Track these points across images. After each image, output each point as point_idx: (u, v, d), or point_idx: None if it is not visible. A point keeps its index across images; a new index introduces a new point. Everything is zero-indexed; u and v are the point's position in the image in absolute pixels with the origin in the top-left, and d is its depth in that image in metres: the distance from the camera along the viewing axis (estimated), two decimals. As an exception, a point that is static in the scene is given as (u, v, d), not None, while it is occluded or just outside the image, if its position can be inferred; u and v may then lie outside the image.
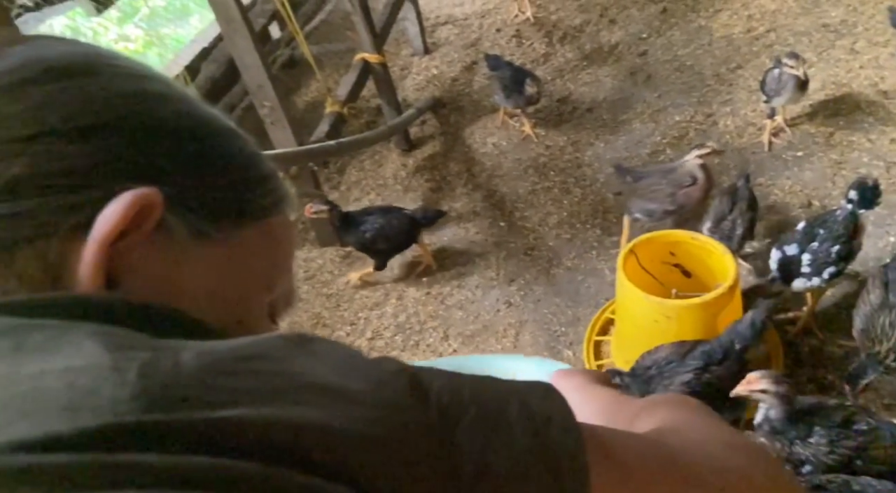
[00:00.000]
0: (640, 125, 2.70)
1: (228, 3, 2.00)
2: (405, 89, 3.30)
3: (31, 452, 0.20)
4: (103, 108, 0.31)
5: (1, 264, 0.29)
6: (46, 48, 0.32)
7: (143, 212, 0.30)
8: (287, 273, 0.41)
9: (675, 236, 1.73)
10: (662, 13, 3.32)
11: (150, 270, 0.32)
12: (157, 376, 0.23)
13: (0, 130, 0.29)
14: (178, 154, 0.33)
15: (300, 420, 0.24)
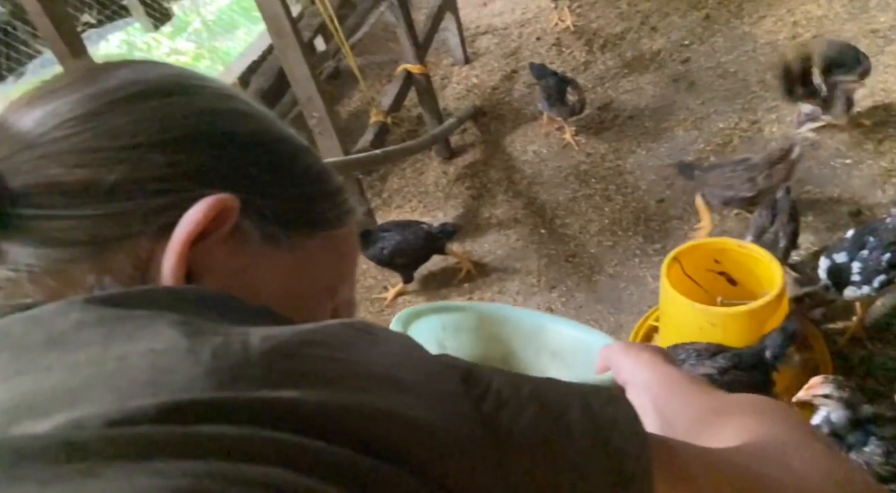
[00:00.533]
0: (683, 133, 2.69)
1: (281, 18, 2.08)
2: (445, 99, 3.35)
3: (118, 424, 0.21)
4: (192, 122, 0.35)
5: (98, 260, 0.32)
6: (145, 71, 0.37)
7: (221, 215, 0.33)
8: (349, 281, 0.43)
9: (720, 244, 1.73)
10: (705, 20, 3.30)
11: (226, 269, 0.34)
12: (227, 358, 0.25)
13: (105, 140, 0.32)
14: (255, 166, 0.36)
15: (352, 405, 0.25)
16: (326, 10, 2.40)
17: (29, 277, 0.31)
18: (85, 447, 0.20)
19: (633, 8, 3.62)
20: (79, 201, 0.32)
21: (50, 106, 0.33)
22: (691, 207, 2.34)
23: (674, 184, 2.46)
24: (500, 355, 0.76)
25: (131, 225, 0.32)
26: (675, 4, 3.52)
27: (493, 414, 0.28)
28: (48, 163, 0.32)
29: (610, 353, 0.54)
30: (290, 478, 0.21)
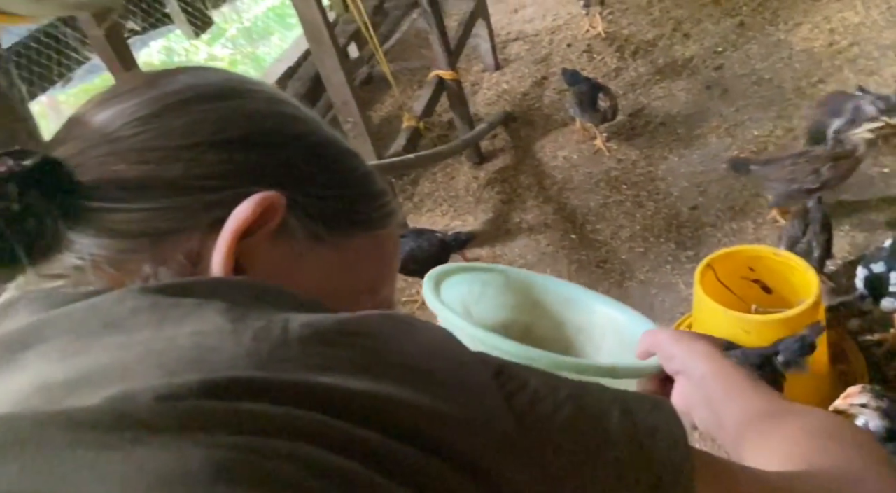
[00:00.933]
0: (717, 140, 2.67)
1: (319, 26, 2.13)
2: (476, 104, 3.38)
3: (164, 398, 0.22)
4: (244, 124, 0.37)
5: (155, 251, 0.34)
6: (202, 76, 0.39)
7: (269, 211, 0.35)
8: (390, 281, 0.44)
9: (755, 251, 1.72)
10: (739, 27, 3.27)
11: (271, 263, 0.36)
12: (267, 340, 0.26)
13: (164, 140, 0.35)
14: (302, 166, 0.38)
15: (382, 393, 0.25)
16: (361, 16, 2.45)
17: (92, 265, 0.33)
18: (134, 418, 0.21)
19: (665, 15, 3.61)
20: (139, 196, 0.34)
21: (118, 107, 0.36)
22: (724, 215, 2.32)
23: (707, 191, 2.45)
24: (522, 324, 0.73)
25: (185, 219, 0.34)
26: (708, 11, 3.50)
27: (526, 411, 0.28)
28: (114, 159, 0.34)
29: (658, 339, 0.52)
30: (322, 456, 0.22)
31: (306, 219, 0.37)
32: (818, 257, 1.82)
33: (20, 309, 0.30)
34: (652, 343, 0.53)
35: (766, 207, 2.29)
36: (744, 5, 3.42)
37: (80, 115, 0.37)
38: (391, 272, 0.44)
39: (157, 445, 0.20)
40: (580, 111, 2.69)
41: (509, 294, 0.71)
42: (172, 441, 0.21)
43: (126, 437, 0.20)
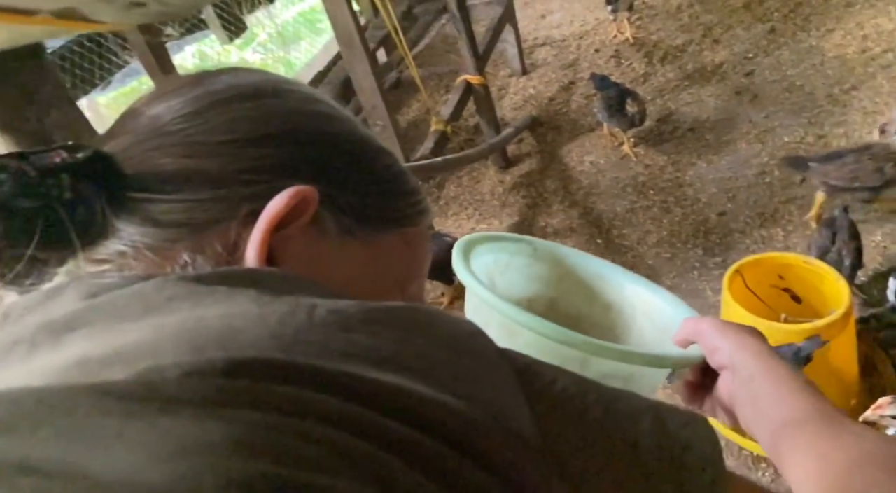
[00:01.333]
0: (746, 146, 2.65)
1: (352, 32, 2.17)
2: (502, 109, 3.39)
3: (191, 374, 0.23)
4: (282, 122, 0.38)
5: (193, 240, 0.35)
6: (244, 76, 0.41)
7: (302, 205, 0.36)
8: (419, 278, 0.45)
9: (785, 259, 1.70)
10: (770, 33, 3.24)
11: (303, 256, 0.37)
12: (292, 324, 0.27)
13: (207, 135, 0.36)
14: (337, 163, 0.39)
15: (405, 387, 0.26)
16: (391, 21, 2.48)
17: (135, 252, 0.35)
18: (161, 391, 0.22)
19: (694, 20, 3.59)
20: (180, 188, 0.35)
21: (165, 105, 0.38)
22: (754, 221, 2.30)
23: (735, 197, 2.43)
24: (547, 298, 0.70)
25: (223, 211, 0.35)
26: (738, 17, 3.47)
27: (549, 411, 0.28)
28: (159, 153, 0.36)
29: (701, 328, 0.50)
30: (344, 438, 0.22)
31: (338, 214, 0.38)
32: (849, 266, 1.80)
33: (67, 294, 0.31)
34: (695, 332, 0.50)
35: (796, 214, 2.27)
36: (775, 11, 3.39)
37: (131, 112, 0.39)
38: (420, 270, 0.45)
39: (181, 416, 0.21)
40: (608, 116, 2.69)
41: (536, 266, 0.69)
42: (196, 414, 0.21)
43: (152, 408, 0.21)
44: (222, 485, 0.19)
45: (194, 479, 0.19)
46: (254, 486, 0.19)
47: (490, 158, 3.04)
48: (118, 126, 0.39)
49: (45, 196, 0.32)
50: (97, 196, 0.34)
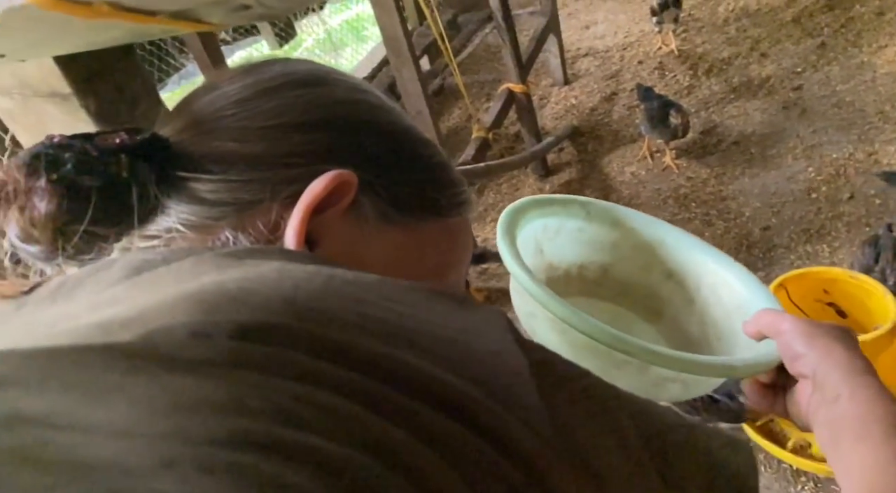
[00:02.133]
0: (793, 160, 2.61)
1: (400, 39, 2.23)
2: (543, 118, 3.41)
3: (198, 335, 0.23)
4: (327, 109, 0.40)
5: (237, 219, 0.36)
6: (294, 65, 0.42)
7: (341, 188, 0.37)
8: (458, 269, 0.45)
9: (830, 274, 1.68)
10: (820, 48, 3.19)
11: (341, 240, 0.38)
12: (306, 290, 0.27)
13: (255, 121, 0.38)
14: (378, 150, 0.40)
15: (408, 361, 0.25)
16: (438, 28, 2.53)
17: (181, 229, 0.36)
18: (166, 350, 0.23)
19: (742, 34, 3.56)
20: (227, 169, 0.37)
21: (219, 92, 0.40)
22: (798, 237, 2.27)
23: (780, 212, 2.40)
24: (599, 264, 0.66)
25: (266, 192, 0.37)
26: (787, 31, 3.43)
27: (563, 408, 0.27)
28: (210, 137, 0.38)
29: (783, 328, 0.45)
30: (340, 404, 0.22)
31: (378, 200, 0.39)
32: (894, 285, 1.76)
33: (115, 270, 0.32)
34: (774, 330, 0.46)
35: (843, 231, 2.23)
36: (826, 26, 3.34)
37: (188, 98, 0.41)
38: (459, 261, 0.45)
39: (181, 374, 0.21)
40: (650, 127, 2.68)
41: (590, 230, 0.65)
42: (196, 372, 0.22)
43: (155, 365, 0.22)
44: (211, 440, 0.19)
45: (186, 433, 0.19)
46: (243, 442, 0.19)
47: (530, 167, 3.06)
48: (176, 112, 0.41)
49: (104, 174, 0.34)
50: (151, 176, 0.36)
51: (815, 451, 1.59)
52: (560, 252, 0.66)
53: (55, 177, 0.34)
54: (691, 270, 0.61)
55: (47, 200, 0.34)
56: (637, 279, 0.65)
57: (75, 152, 0.35)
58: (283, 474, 0.19)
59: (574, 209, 0.65)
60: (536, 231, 0.64)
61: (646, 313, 0.68)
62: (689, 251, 0.61)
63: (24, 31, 0.44)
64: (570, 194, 0.65)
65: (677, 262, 0.62)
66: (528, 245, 0.63)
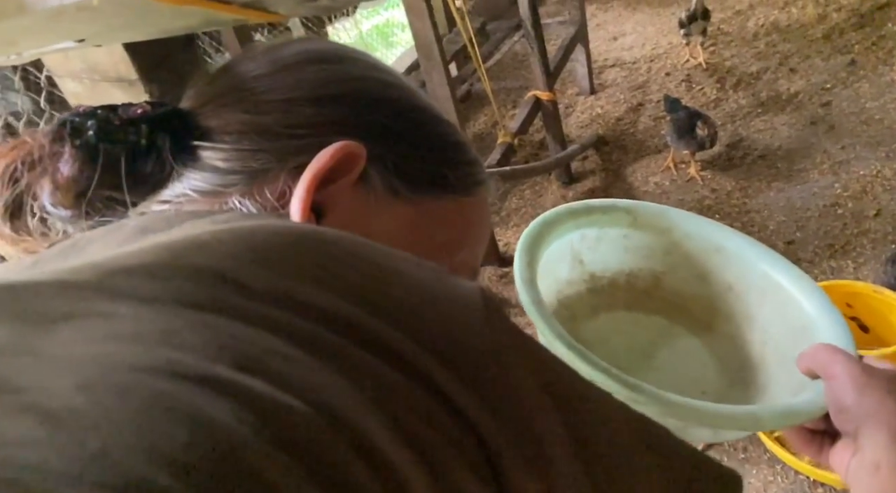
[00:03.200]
0: (819, 176, 2.60)
1: (432, 45, 2.28)
2: (569, 126, 3.43)
3: (154, 276, 0.24)
4: (342, 85, 0.40)
5: (247, 187, 0.38)
6: (314, 44, 0.44)
7: (348, 159, 0.37)
8: (472, 247, 0.45)
9: (853, 287, 1.68)
10: (850, 65, 3.18)
11: (349, 211, 0.38)
12: (274, 242, 0.27)
13: (270, 95, 0.39)
14: (389, 126, 0.41)
15: (354, 315, 0.25)
16: (468, 34, 2.57)
17: (193, 195, 0.38)
18: (117, 285, 0.23)
19: (771, 48, 3.55)
20: (239, 139, 0.38)
21: (241, 67, 0.42)
22: (823, 252, 2.26)
23: (805, 226, 2.39)
24: (650, 274, 0.61)
25: (275, 161, 0.38)
26: (817, 47, 3.42)
27: (528, 395, 0.26)
28: (227, 110, 0.39)
29: (835, 372, 0.41)
30: (285, 350, 0.22)
31: (387, 173, 0.40)
32: (919, 303, 1.76)
33: (126, 231, 0.33)
34: (826, 373, 0.42)
35: (868, 247, 2.21)
36: (856, 43, 3.32)
37: (214, 74, 0.43)
38: (472, 240, 0.45)
39: (127, 308, 0.22)
40: (676, 138, 2.69)
41: (636, 236, 0.60)
42: (142, 307, 0.22)
43: (103, 299, 0.23)
44: (136, 368, 0.19)
45: (111, 360, 0.20)
46: (170, 372, 0.19)
47: (553, 174, 3.08)
48: (200, 86, 0.43)
49: (124, 142, 0.36)
50: (168, 145, 0.37)
51: (833, 464, 1.59)
52: (604, 261, 0.62)
53: (78, 143, 0.36)
54: (755, 282, 0.55)
55: (70, 165, 0.36)
56: (693, 290, 0.59)
57: (98, 121, 0.36)
58: (205, 407, 0.18)
59: (618, 216, 0.60)
60: (573, 241, 0.60)
61: (698, 328, 0.62)
62: (753, 261, 0.55)
63: (113, 16, 0.49)
64: (609, 199, 0.60)
65: (739, 272, 0.56)
66: (563, 257, 0.61)
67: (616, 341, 0.63)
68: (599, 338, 0.63)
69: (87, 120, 0.36)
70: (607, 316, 0.65)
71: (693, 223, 0.59)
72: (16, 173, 0.36)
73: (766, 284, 0.54)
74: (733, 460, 1.72)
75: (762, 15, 3.95)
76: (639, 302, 0.65)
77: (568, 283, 0.65)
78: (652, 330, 0.64)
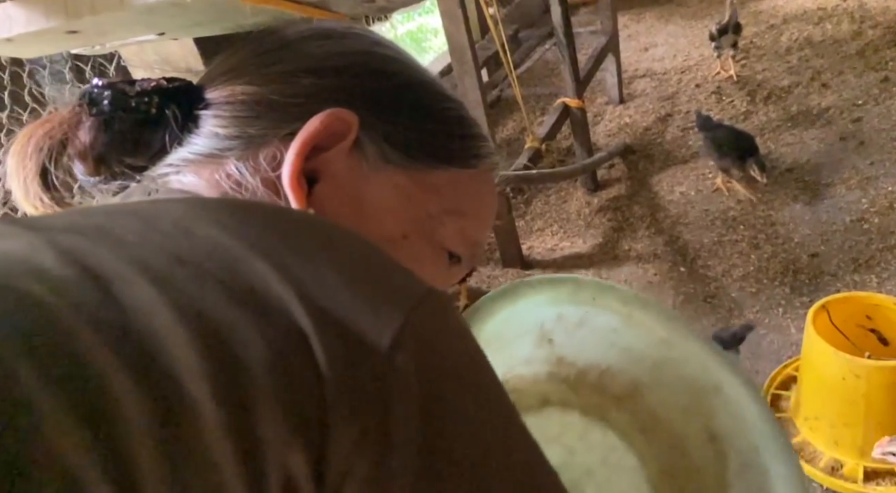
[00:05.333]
0: (846, 191, 2.60)
1: (465, 49, 2.34)
2: (596, 134, 3.47)
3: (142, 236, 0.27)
4: (342, 58, 0.42)
5: (243, 152, 0.39)
6: (323, 23, 0.46)
7: (339, 126, 0.38)
8: (468, 221, 0.44)
9: (874, 300, 1.69)
10: (883, 82, 3.17)
11: (341, 177, 0.39)
12: (161, 211, 0.29)
13: (273, 67, 0.41)
14: (386, 97, 0.41)
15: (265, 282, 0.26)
16: (501, 40, 2.64)
17: (195, 158, 0.40)
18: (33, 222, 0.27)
19: (804, 63, 3.55)
20: (240, 108, 0.40)
21: (253, 44, 0.44)
22: (847, 266, 2.27)
23: (830, 240, 2.40)
24: (630, 382, 0.50)
25: (270, 128, 0.39)
26: (851, 63, 3.41)
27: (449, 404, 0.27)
28: (233, 82, 0.41)
29: None
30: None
31: (381, 142, 0.40)
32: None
33: (133, 197, 0.37)
34: None
35: (893, 262, 2.21)
36: (890, 60, 3.31)
37: (232, 50, 0.45)
38: (470, 212, 0.45)
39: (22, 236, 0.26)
40: (719, 156, 2.66)
41: (627, 335, 0.50)
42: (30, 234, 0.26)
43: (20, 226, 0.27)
44: None
45: None
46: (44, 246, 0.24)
47: (579, 180, 3.12)
48: (217, 61, 0.45)
49: (136, 111, 0.39)
50: (178, 114, 0.40)
51: (846, 472, 1.60)
52: (581, 347, 0.52)
53: (94, 111, 0.39)
54: (745, 444, 0.44)
55: (87, 132, 0.39)
56: (674, 429, 0.49)
57: (114, 92, 0.39)
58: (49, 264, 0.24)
59: (605, 295, 0.50)
60: (546, 318, 0.52)
61: (656, 470, 0.50)
62: (751, 419, 0.43)
63: (199, 12, 0.56)
64: (612, 283, 0.51)
65: (727, 429, 0.45)
66: (526, 332, 0.53)
67: (551, 451, 0.41)
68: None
69: (105, 91, 0.39)
70: (556, 416, 0.53)
71: (694, 347, 0.47)
72: (43, 142, 0.39)
73: (750, 458, 0.44)
74: (747, 465, 1.75)
75: (796, 30, 3.95)
76: (600, 409, 0.53)
77: (526, 361, 0.54)
78: (601, 451, 0.52)
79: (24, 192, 0.39)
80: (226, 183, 0.38)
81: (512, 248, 2.72)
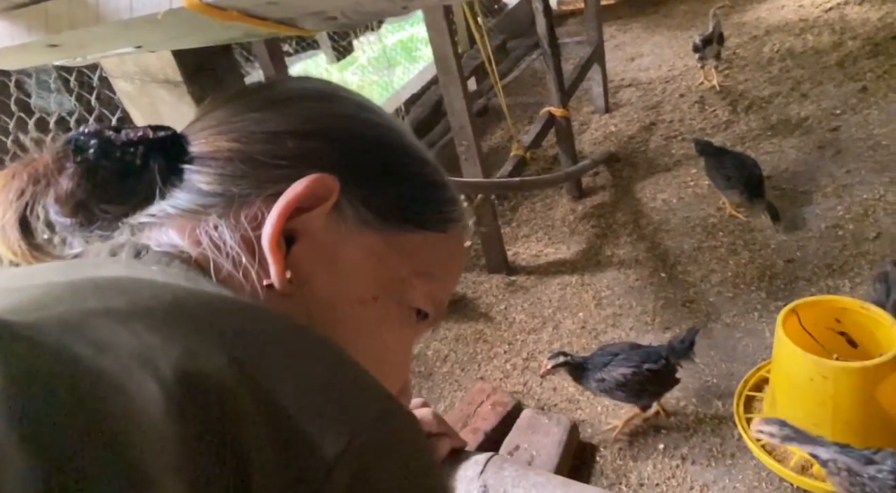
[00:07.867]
0: (822, 198, 2.67)
1: (450, 59, 2.40)
2: (582, 143, 3.53)
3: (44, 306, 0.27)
4: (326, 122, 0.43)
5: (225, 209, 0.40)
6: (308, 82, 0.47)
7: (321, 191, 0.39)
8: (437, 283, 0.47)
9: (842, 303, 1.74)
10: (861, 91, 3.24)
11: (319, 238, 0.40)
12: (137, 297, 0.29)
13: (259, 126, 0.42)
14: (366, 162, 0.43)
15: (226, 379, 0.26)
16: (486, 52, 2.69)
17: (175, 213, 0.40)
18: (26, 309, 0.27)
19: (784, 74, 3.63)
20: (225, 165, 0.40)
21: (239, 101, 0.44)
22: (821, 271, 2.32)
23: (805, 247, 2.45)
24: None
25: (252, 188, 0.40)
26: (830, 74, 3.49)
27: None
28: (218, 138, 0.42)
29: None
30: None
31: (359, 206, 0.41)
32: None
33: (117, 261, 0.38)
34: None
35: (866, 268, 2.27)
36: (869, 71, 3.39)
37: (214, 101, 0.46)
38: (440, 275, 0.47)
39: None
40: (725, 185, 2.63)
41: None
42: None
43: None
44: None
45: None
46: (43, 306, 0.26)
47: (564, 188, 3.18)
48: (202, 112, 0.46)
49: (121, 161, 0.39)
50: (161, 167, 0.40)
51: (816, 470, 1.64)
52: None
53: (79, 159, 0.39)
54: None
55: (69, 179, 0.39)
56: None
57: (100, 140, 0.40)
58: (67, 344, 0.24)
59: None
60: None
61: None
62: None
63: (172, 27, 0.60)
64: None
65: None
66: None
67: None
68: None
69: (91, 139, 0.40)
70: None
71: None
72: (26, 187, 0.40)
73: None
74: (720, 466, 1.79)
75: (778, 41, 4.04)
76: None
77: None
78: None
79: (4, 238, 0.40)
80: (205, 240, 0.39)
81: (497, 254, 2.77)
